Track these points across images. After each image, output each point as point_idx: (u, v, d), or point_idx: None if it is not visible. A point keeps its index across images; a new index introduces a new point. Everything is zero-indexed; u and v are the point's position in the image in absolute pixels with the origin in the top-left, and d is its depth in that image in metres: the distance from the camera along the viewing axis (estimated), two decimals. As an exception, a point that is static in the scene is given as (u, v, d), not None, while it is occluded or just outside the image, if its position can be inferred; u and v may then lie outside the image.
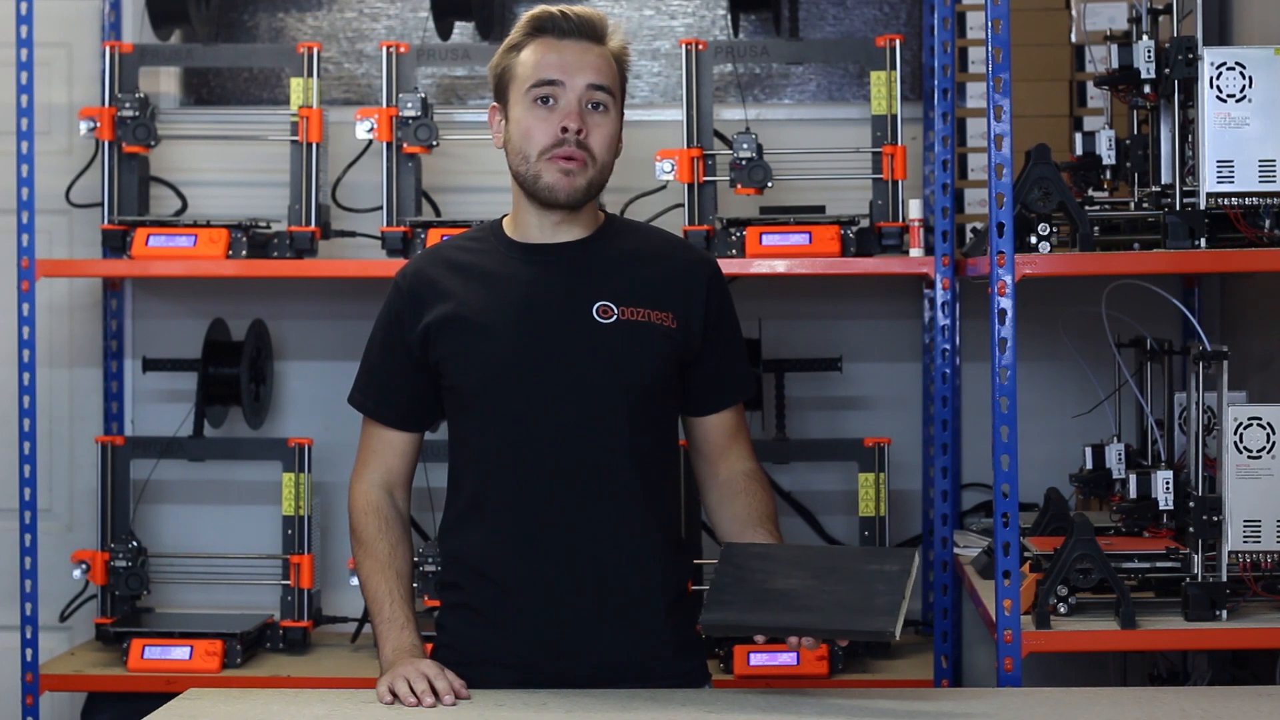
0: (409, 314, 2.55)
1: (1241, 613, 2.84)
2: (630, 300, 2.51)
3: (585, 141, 2.48)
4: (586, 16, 2.53)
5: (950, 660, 3.46)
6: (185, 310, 4.05)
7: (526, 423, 2.48)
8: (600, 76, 2.50)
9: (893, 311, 4.02)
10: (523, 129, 2.50)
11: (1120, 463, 3.17)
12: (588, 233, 2.57)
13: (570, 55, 2.50)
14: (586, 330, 2.49)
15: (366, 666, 3.54)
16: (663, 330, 2.52)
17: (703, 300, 2.57)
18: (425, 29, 4.08)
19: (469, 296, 2.52)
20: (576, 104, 2.48)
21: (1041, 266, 2.81)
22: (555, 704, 2.39)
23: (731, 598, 2.33)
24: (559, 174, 2.48)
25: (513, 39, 2.55)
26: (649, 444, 2.53)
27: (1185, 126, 2.92)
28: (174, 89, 4.22)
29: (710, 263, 2.64)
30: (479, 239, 2.61)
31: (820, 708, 2.38)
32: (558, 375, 2.48)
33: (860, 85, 4.16)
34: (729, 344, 2.62)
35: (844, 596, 2.30)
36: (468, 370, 2.51)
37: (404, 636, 2.52)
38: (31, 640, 3.54)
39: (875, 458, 3.57)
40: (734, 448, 2.63)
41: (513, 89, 2.52)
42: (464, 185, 3.99)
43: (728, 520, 2.60)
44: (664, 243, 2.65)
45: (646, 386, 2.51)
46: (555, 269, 2.53)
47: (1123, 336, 3.27)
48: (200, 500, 4.06)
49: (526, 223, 2.57)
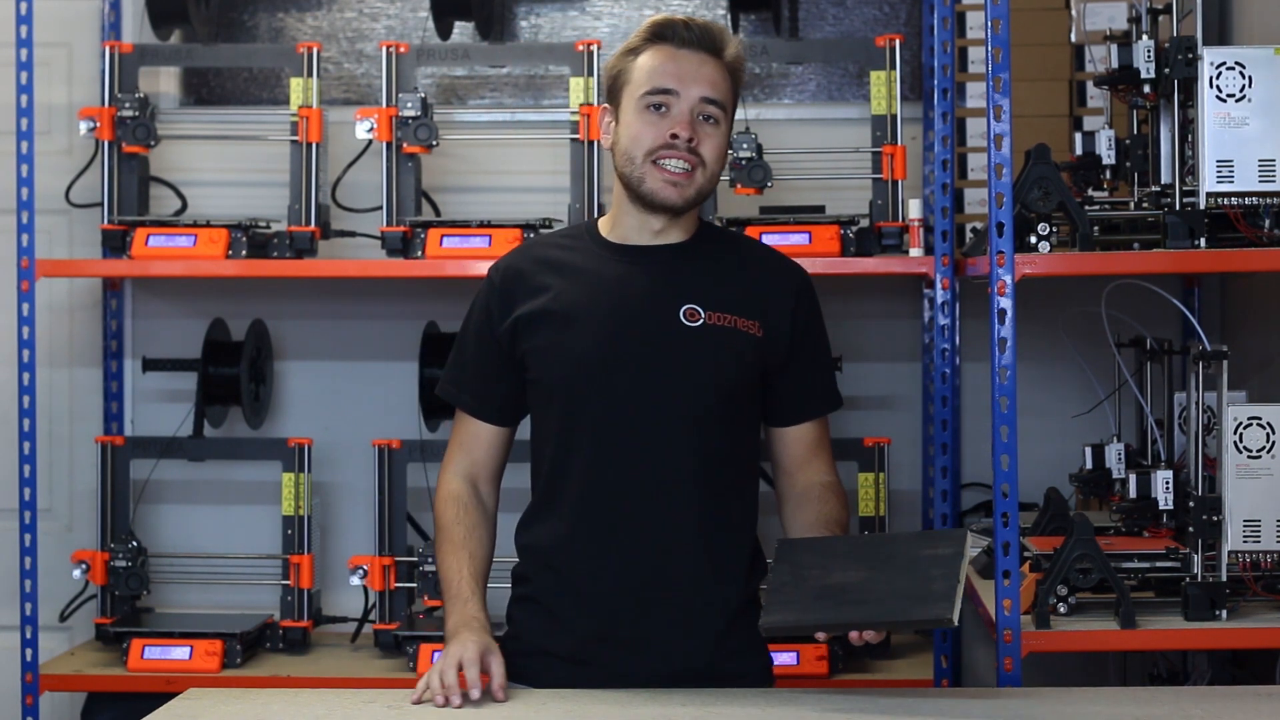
0: (500, 307, 2.56)
1: (1241, 613, 2.83)
2: (718, 305, 2.52)
3: (696, 148, 2.49)
4: (707, 27, 2.53)
5: (950, 660, 3.46)
6: (185, 310, 4.05)
7: (603, 419, 2.49)
8: (714, 90, 2.51)
9: (893, 311, 4.02)
10: (632, 133, 2.50)
11: (1120, 463, 3.17)
12: (684, 238, 2.58)
13: (687, 66, 2.50)
14: (672, 331, 2.50)
15: (366, 667, 3.54)
16: (748, 337, 2.52)
17: (790, 310, 2.57)
18: (425, 29, 4.08)
19: (559, 292, 2.53)
20: (688, 114, 2.49)
21: (1041, 266, 2.81)
22: (555, 704, 2.39)
23: (789, 597, 2.33)
24: (664, 183, 2.49)
25: (631, 43, 2.55)
26: (725, 449, 2.53)
27: (1185, 126, 2.92)
28: (174, 89, 4.22)
29: (802, 273, 2.64)
30: (573, 237, 2.63)
31: (820, 708, 2.38)
32: (639, 374, 2.48)
33: (860, 85, 4.16)
34: (815, 356, 2.62)
35: (900, 586, 2.30)
36: (551, 363, 2.52)
37: (467, 609, 2.51)
38: (31, 640, 3.54)
39: (875, 458, 3.58)
40: (815, 461, 2.63)
41: (626, 93, 2.53)
42: (464, 185, 3.99)
43: (798, 528, 2.59)
44: (757, 252, 2.66)
45: (726, 391, 2.51)
46: (646, 270, 2.54)
47: (1123, 336, 3.27)
48: (200, 500, 4.06)
49: (626, 225, 2.57)
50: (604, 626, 2.49)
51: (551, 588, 2.53)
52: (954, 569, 2.28)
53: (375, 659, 3.60)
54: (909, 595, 2.28)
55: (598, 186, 3.58)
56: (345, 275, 3.73)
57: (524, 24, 4.26)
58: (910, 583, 2.30)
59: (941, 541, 2.35)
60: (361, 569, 3.55)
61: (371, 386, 4.03)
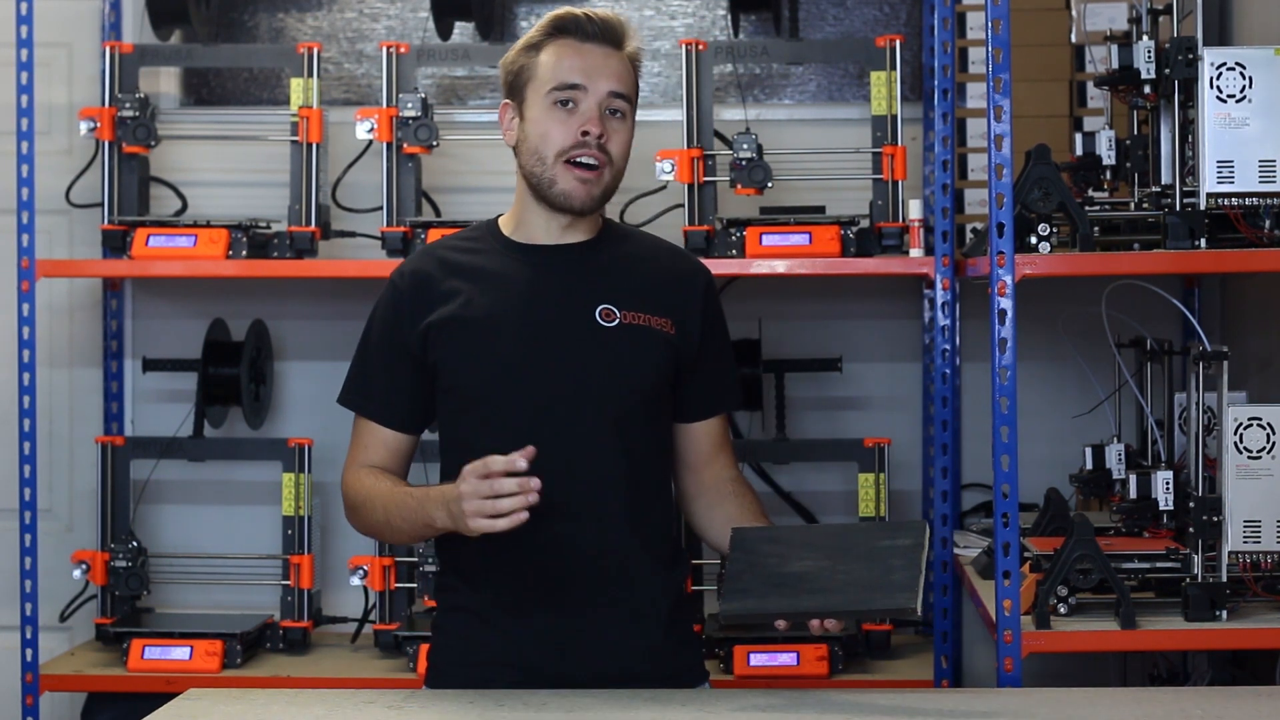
0: (408, 313, 2.53)
1: (1241, 613, 2.84)
2: (631, 304, 2.51)
3: (605, 145, 2.47)
4: (609, 21, 2.51)
5: (950, 660, 3.46)
6: (185, 310, 4.05)
7: (526, 425, 2.46)
8: (621, 84, 2.50)
9: (893, 311, 4.02)
10: (540, 130, 2.48)
11: (1120, 463, 3.17)
12: (590, 236, 2.57)
13: (593, 60, 2.49)
14: (589, 333, 2.48)
15: (366, 667, 3.54)
16: (662, 335, 2.51)
17: (700, 308, 2.57)
18: (425, 29, 4.08)
19: (471, 297, 2.50)
20: (597, 109, 2.47)
21: (1041, 267, 2.81)
22: (555, 704, 2.39)
23: (748, 585, 2.32)
24: (576, 182, 2.47)
25: (532, 38, 2.52)
26: (645, 450, 2.52)
27: (1185, 127, 2.92)
28: (174, 89, 4.22)
29: (705, 271, 2.64)
30: (475, 239, 2.60)
31: (820, 708, 2.38)
32: (560, 378, 2.47)
33: (860, 85, 4.16)
34: (721, 352, 2.62)
35: (861, 575, 2.29)
36: (470, 372, 2.49)
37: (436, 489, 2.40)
38: (31, 640, 3.54)
39: (875, 458, 3.57)
40: (720, 456, 2.63)
41: (530, 89, 2.50)
42: (464, 185, 3.99)
43: (720, 523, 2.57)
44: (660, 248, 2.65)
45: (646, 391, 2.50)
46: (557, 270, 2.52)
47: (1123, 336, 3.27)
48: (200, 500, 4.06)
49: (531, 223, 2.55)
50: (540, 631, 2.46)
51: (487, 599, 2.49)
52: (915, 560, 2.27)
53: (375, 659, 3.60)
54: (870, 585, 2.27)
55: (598, 187, 3.58)
56: (345, 275, 3.73)
57: (524, 24, 4.26)
58: (871, 572, 2.29)
59: (900, 532, 2.34)
60: (362, 569, 3.55)
61: (371, 387, 4.03)
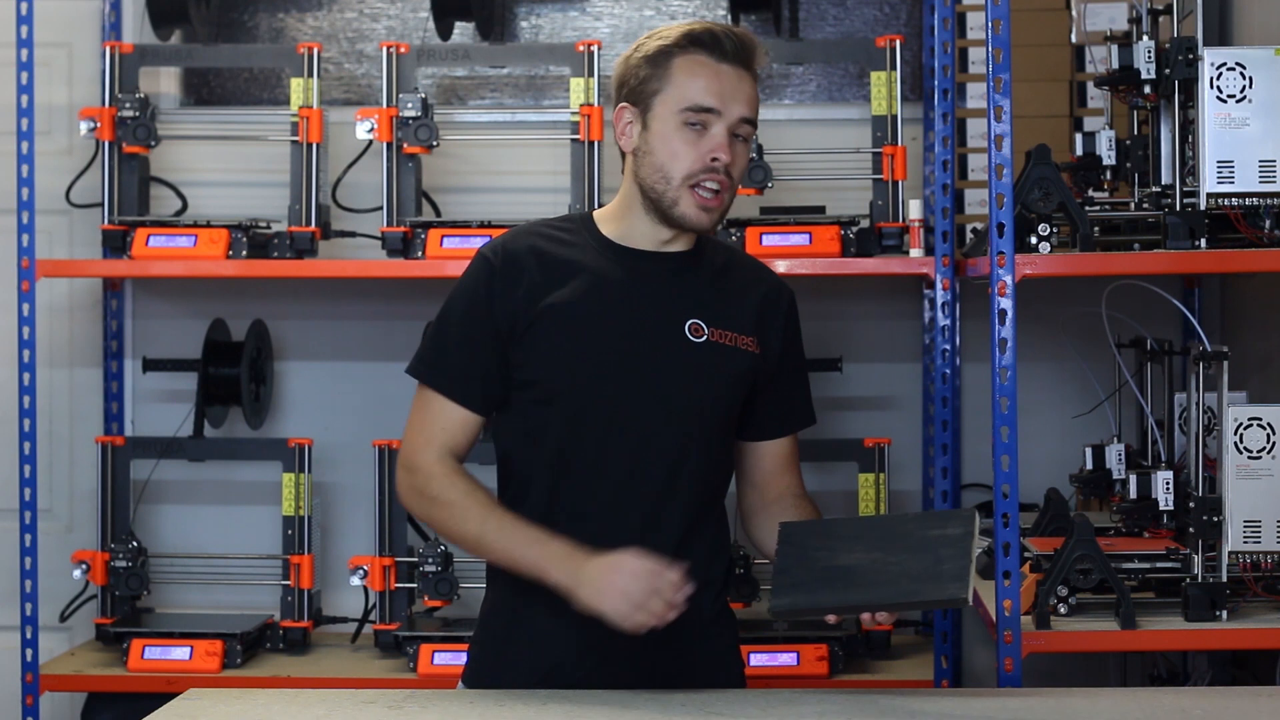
0: (500, 292, 2.46)
1: (1241, 613, 2.84)
2: (720, 322, 2.49)
3: (729, 170, 2.45)
4: (745, 41, 2.47)
5: (950, 660, 3.46)
6: (185, 310, 4.05)
7: (603, 429, 2.44)
8: (751, 109, 2.47)
9: (893, 312, 4.02)
10: (669, 149, 2.43)
11: (1120, 463, 3.17)
12: (688, 247, 2.53)
13: (728, 83, 2.44)
14: (676, 347, 2.46)
15: (366, 667, 3.54)
16: (746, 355, 2.50)
17: (782, 328, 2.56)
18: (425, 29, 4.08)
19: (567, 291, 2.45)
20: (726, 135, 2.44)
21: (1041, 267, 2.81)
22: (555, 704, 2.39)
23: (797, 580, 2.31)
24: (699, 210, 2.44)
25: (663, 44, 2.46)
26: (709, 464, 2.51)
27: (1185, 127, 2.92)
28: (174, 89, 4.22)
29: (789, 290, 2.61)
30: (570, 230, 2.54)
31: (820, 708, 2.38)
32: (643, 388, 2.45)
33: (860, 85, 4.16)
34: (797, 372, 2.61)
35: (910, 567, 2.28)
36: (557, 368, 2.45)
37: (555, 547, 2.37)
38: (31, 640, 3.54)
39: (875, 458, 3.58)
40: (786, 474, 2.61)
41: (659, 100, 2.45)
42: (464, 185, 3.99)
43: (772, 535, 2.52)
44: (749, 265, 2.64)
45: (723, 410, 2.49)
46: (654, 279, 2.49)
47: (1123, 337, 3.28)
48: (200, 500, 4.06)
49: (636, 229, 2.51)
50: (584, 638, 2.44)
51: (532, 598, 2.45)
52: (964, 548, 2.26)
53: (375, 659, 3.60)
54: (920, 576, 2.26)
55: (598, 187, 3.58)
56: (345, 275, 3.73)
57: (524, 24, 4.26)
58: (921, 563, 2.27)
59: (950, 521, 2.33)
60: (362, 569, 3.55)
61: (371, 386, 4.03)
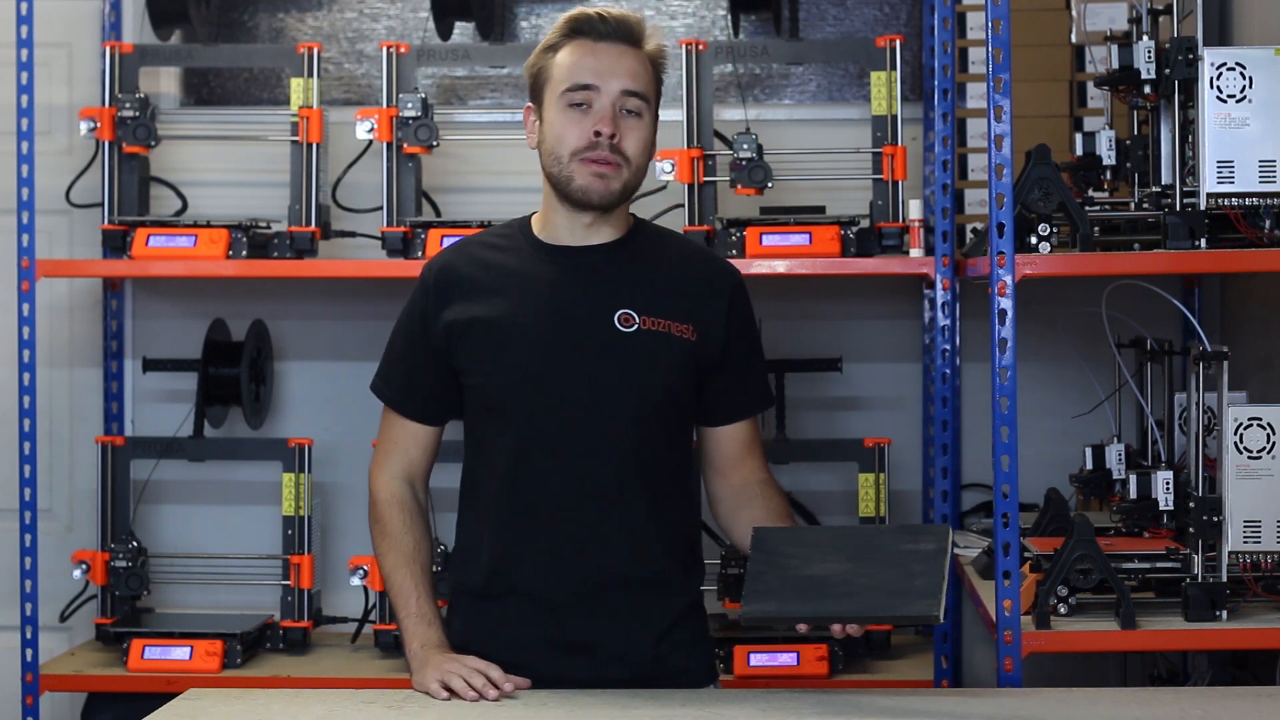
0: (434, 309, 2.55)
1: (1241, 613, 2.84)
2: (652, 310, 2.51)
3: (619, 146, 2.47)
4: (624, 19, 2.51)
5: (950, 660, 3.46)
6: (185, 310, 4.05)
7: (543, 428, 2.48)
8: (635, 82, 2.49)
9: (893, 312, 4.02)
10: (556, 131, 2.49)
11: (1120, 463, 3.17)
12: (616, 236, 2.57)
13: (606, 60, 2.49)
14: (607, 338, 2.49)
15: (366, 667, 3.54)
16: (681, 341, 2.52)
17: (725, 312, 2.57)
18: (425, 29, 4.08)
19: (494, 297, 2.52)
20: (610, 109, 2.47)
21: (1041, 267, 2.81)
22: (555, 704, 2.39)
23: (769, 587, 2.32)
24: (592, 177, 2.48)
25: (550, 40, 2.54)
26: (661, 454, 2.53)
27: (1185, 127, 2.92)
28: (174, 89, 4.22)
29: (734, 273, 2.63)
30: (507, 236, 2.61)
31: (820, 708, 2.38)
32: (577, 383, 2.48)
33: (860, 85, 4.16)
34: (749, 355, 2.62)
35: (883, 580, 2.28)
36: (489, 373, 2.51)
37: (432, 633, 2.52)
38: (31, 640, 3.54)
39: (875, 458, 3.57)
40: (749, 459, 2.63)
41: (548, 90, 2.52)
42: (464, 185, 3.98)
43: (744, 525, 2.57)
44: (689, 251, 2.65)
45: (660, 398, 2.51)
46: (581, 273, 2.53)
47: (1123, 337, 3.27)
48: (200, 500, 4.06)
49: (556, 224, 2.56)
50: (551, 632, 2.48)
51: (496, 594, 2.51)
52: (938, 565, 2.27)
53: (375, 659, 3.60)
54: (893, 590, 2.27)
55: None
56: (345, 275, 3.73)
57: (524, 24, 4.26)
58: (894, 577, 2.28)
59: (924, 536, 2.33)
60: (362, 569, 3.55)
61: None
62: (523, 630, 2.49)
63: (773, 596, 2.31)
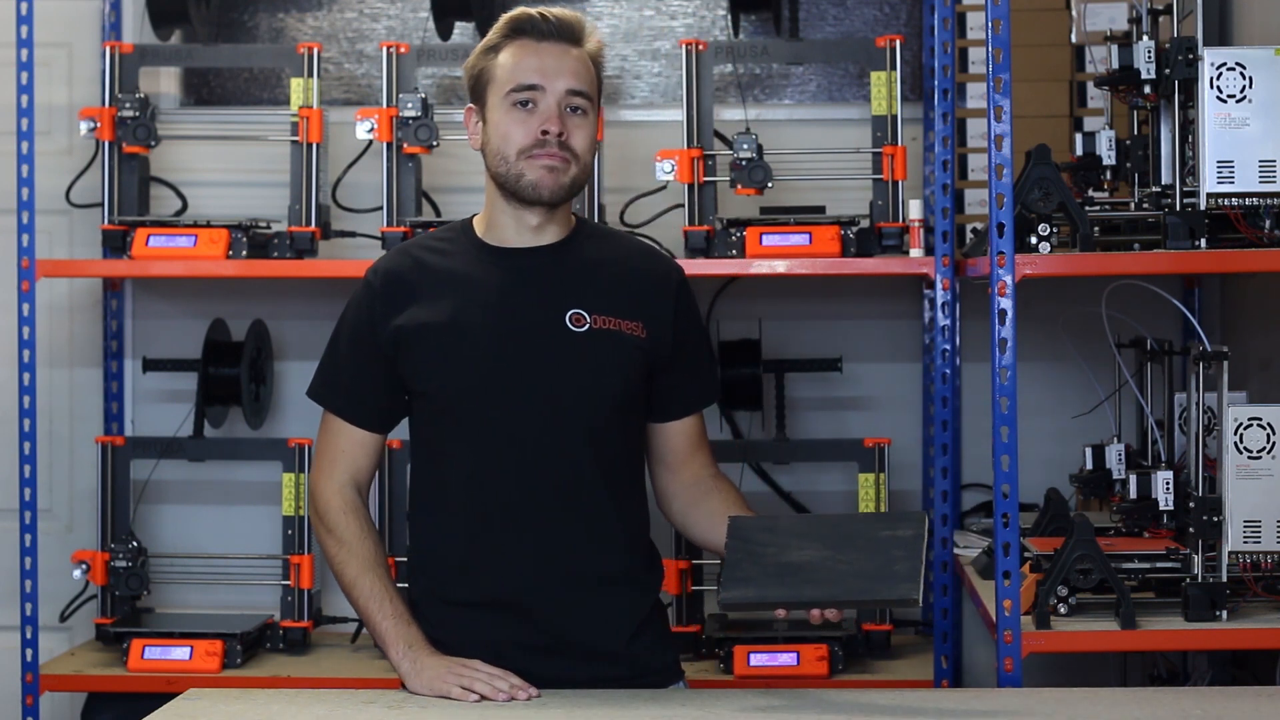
0: (380, 314, 2.53)
1: (1241, 613, 2.83)
2: (602, 309, 2.51)
3: (567, 142, 2.48)
4: (565, 19, 2.52)
5: (950, 660, 3.46)
6: (185, 310, 4.05)
7: (496, 432, 2.47)
8: (579, 81, 2.50)
9: (893, 312, 4.02)
10: (501, 132, 2.49)
11: (1120, 463, 3.17)
12: (561, 236, 2.57)
13: (549, 59, 2.49)
14: (560, 338, 2.49)
15: (366, 667, 3.54)
16: (632, 339, 2.52)
17: (671, 309, 2.57)
18: (425, 29, 4.08)
19: (441, 301, 2.51)
20: (556, 108, 2.48)
21: (1041, 267, 2.81)
22: (555, 704, 2.39)
23: (747, 574, 2.32)
24: (543, 170, 2.47)
25: (490, 40, 2.53)
26: (619, 452, 2.53)
27: (1185, 127, 2.92)
28: (174, 89, 4.22)
29: (677, 269, 2.64)
30: (449, 239, 2.60)
31: (820, 708, 2.38)
32: (531, 384, 2.47)
33: (860, 85, 4.16)
34: (696, 350, 2.63)
35: (862, 565, 2.29)
36: (440, 378, 2.50)
37: (414, 632, 2.50)
38: (31, 640, 3.54)
39: (875, 458, 3.57)
40: (699, 453, 2.63)
41: (491, 91, 2.51)
42: (464, 185, 3.97)
43: (704, 518, 2.58)
44: (632, 249, 2.65)
45: (616, 396, 2.51)
46: (529, 274, 2.53)
47: (1123, 337, 3.27)
48: (200, 500, 4.06)
49: (502, 224, 2.55)
50: (523, 634, 2.47)
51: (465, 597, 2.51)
52: (916, 549, 2.28)
53: (375, 659, 3.59)
54: (873, 575, 2.28)
55: (599, 187, 3.59)
56: (345, 275, 3.71)
57: (524, 24, 4.26)
58: (873, 563, 2.29)
59: (901, 523, 2.34)
60: (362, 569, 3.55)
61: (371, 387, 4.03)
62: (495, 632, 2.48)
63: (751, 583, 2.31)
